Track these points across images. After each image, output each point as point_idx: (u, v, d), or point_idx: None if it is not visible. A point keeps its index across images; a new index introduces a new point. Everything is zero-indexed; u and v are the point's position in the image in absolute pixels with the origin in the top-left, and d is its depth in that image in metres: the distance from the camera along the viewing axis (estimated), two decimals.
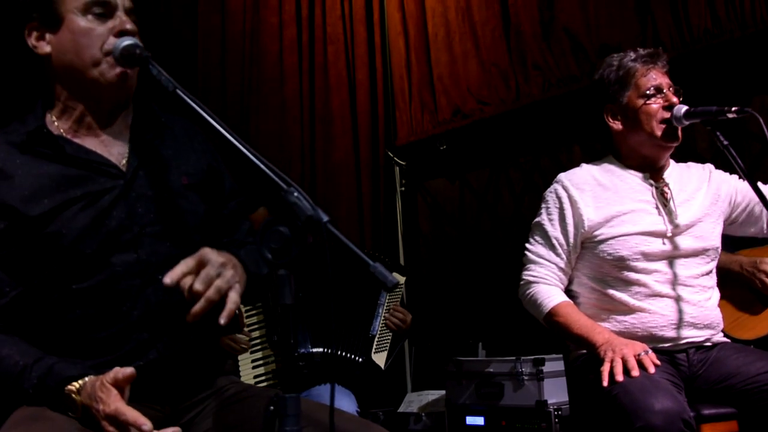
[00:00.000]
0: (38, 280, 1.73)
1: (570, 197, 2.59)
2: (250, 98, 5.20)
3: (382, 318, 3.48)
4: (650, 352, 2.31)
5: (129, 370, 1.58)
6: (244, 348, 3.18)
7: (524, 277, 2.65)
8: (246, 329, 3.20)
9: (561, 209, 2.60)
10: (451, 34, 4.89)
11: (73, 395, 1.61)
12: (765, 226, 2.69)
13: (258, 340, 3.23)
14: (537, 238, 2.66)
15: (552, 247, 2.60)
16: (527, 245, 2.69)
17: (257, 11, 5.29)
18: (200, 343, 1.84)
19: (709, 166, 2.74)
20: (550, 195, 2.66)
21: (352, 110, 5.28)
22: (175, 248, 1.80)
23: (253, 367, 3.22)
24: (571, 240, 2.58)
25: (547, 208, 2.65)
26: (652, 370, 2.24)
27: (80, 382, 1.62)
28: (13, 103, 1.89)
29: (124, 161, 1.82)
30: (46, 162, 1.77)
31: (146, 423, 1.52)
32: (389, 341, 3.53)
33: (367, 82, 5.27)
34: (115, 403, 1.55)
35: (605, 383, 2.24)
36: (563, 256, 2.60)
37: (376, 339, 3.45)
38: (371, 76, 5.28)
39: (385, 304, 3.50)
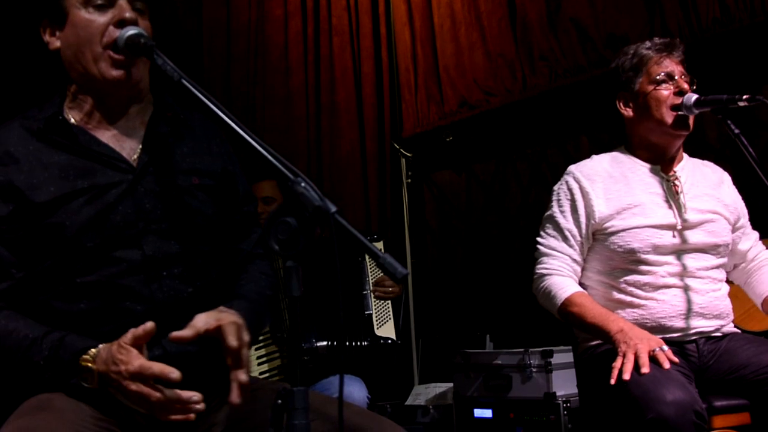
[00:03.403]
0: (43, 270, 1.73)
1: (581, 188, 2.57)
2: (255, 91, 5.19)
3: (372, 293, 3.43)
4: (667, 348, 2.28)
5: (149, 325, 1.57)
6: None
7: (537, 271, 2.62)
8: None
9: (572, 201, 2.59)
10: (457, 24, 4.86)
11: (90, 364, 1.60)
12: (732, 263, 2.70)
13: (261, 337, 3.22)
14: (549, 231, 2.63)
15: (565, 239, 2.58)
16: (539, 239, 2.66)
17: (262, 3, 5.28)
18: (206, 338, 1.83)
19: (728, 177, 2.73)
20: (560, 187, 2.64)
21: (358, 102, 5.27)
22: (180, 246, 1.79)
23: (258, 364, 3.21)
24: (584, 231, 2.56)
25: (558, 200, 2.63)
26: (666, 365, 2.20)
27: (93, 351, 1.62)
28: (36, 95, 1.93)
29: (135, 156, 1.82)
30: (57, 151, 1.77)
31: (174, 371, 1.53)
32: (390, 310, 3.49)
33: (372, 74, 5.26)
34: (137, 360, 1.55)
35: (613, 381, 2.21)
36: (576, 247, 2.57)
37: (374, 315, 3.41)
38: (377, 68, 5.27)
39: (370, 278, 3.46)
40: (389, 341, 3.39)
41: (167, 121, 1.90)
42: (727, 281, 2.62)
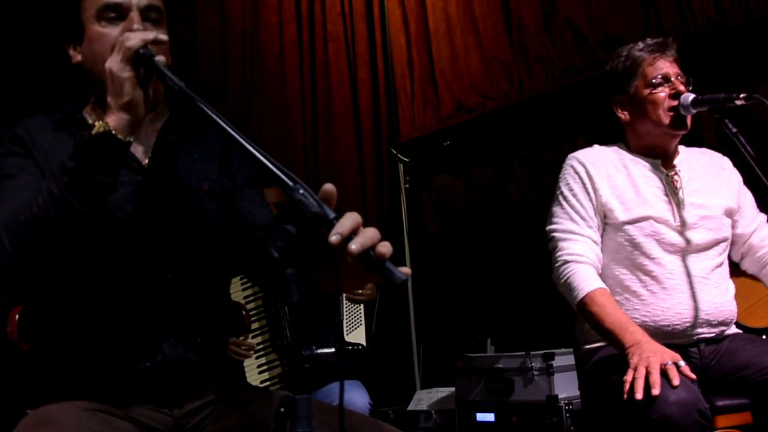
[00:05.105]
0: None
1: (587, 172, 2.53)
2: (251, 98, 5.19)
3: (344, 298, 3.40)
4: (684, 364, 2.16)
5: None
6: (248, 354, 3.16)
7: (559, 257, 2.49)
8: (250, 335, 3.19)
9: (582, 182, 2.53)
10: (452, 28, 4.87)
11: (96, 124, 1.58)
12: (739, 251, 2.65)
13: (261, 345, 3.22)
14: (562, 215, 2.54)
15: (583, 219, 2.50)
16: (552, 226, 2.55)
17: (256, 10, 5.28)
18: (207, 345, 1.83)
19: (727, 161, 2.71)
20: (567, 171, 2.59)
21: (354, 108, 5.27)
22: (186, 249, 1.79)
23: (259, 373, 3.20)
24: (597, 212, 2.51)
25: (567, 183, 2.56)
26: (676, 382, 2.08)
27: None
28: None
29: (146, 161, 1.83)
30: (74, 142, 1.77)
31: None
32: (362, 316, 3.46)
33: (368, 80, 5.26)
34: None
35: (626, 396, 2.12)
36: (595, 228, 2.50)
37: (344, 321, 3.38)
38: (373, 73, 5.27)
39: None
40: (358, 347, 3.38)
41: (180, 128, 1.91)
42: (735, 274, 2.60)
